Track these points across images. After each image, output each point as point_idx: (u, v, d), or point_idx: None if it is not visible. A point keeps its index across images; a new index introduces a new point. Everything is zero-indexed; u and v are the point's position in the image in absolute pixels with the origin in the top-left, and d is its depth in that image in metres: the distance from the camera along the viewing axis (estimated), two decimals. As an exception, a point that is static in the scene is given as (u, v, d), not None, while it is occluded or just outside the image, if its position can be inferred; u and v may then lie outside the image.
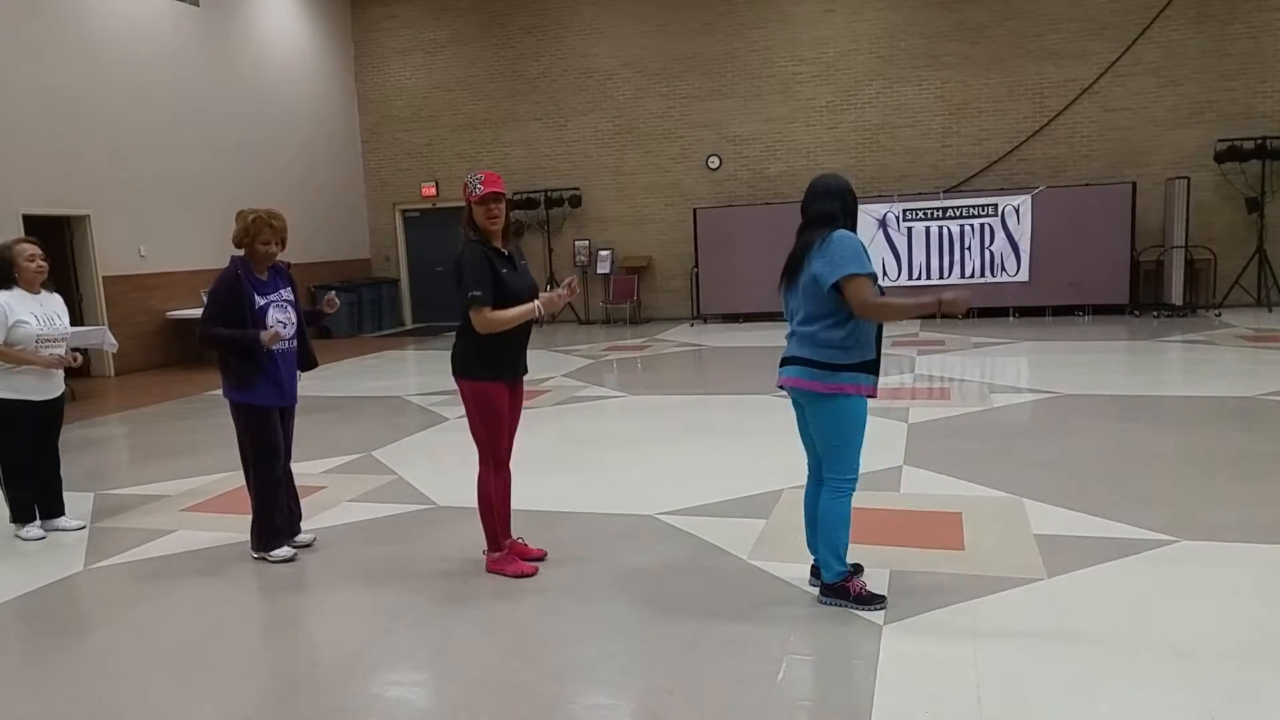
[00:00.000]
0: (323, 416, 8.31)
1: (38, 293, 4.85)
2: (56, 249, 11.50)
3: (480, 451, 3.99)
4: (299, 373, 4.55)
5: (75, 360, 4.92)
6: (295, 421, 4.64)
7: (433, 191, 16.75)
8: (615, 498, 5.25)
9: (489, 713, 2.98)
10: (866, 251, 3.38)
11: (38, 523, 5.05)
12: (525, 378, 4.12)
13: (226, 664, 3.46)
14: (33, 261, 4.75)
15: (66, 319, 4.99)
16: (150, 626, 3.81)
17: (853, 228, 3.46)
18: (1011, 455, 5.82)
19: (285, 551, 4.45)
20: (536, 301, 3.76)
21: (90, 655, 3.56)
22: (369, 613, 3.82)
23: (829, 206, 3.45)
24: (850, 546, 3.86)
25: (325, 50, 16.28)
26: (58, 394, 4.99)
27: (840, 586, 3.57)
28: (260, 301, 4.28)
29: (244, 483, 4.55)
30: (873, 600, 3.55)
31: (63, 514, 5.16)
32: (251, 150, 14.38)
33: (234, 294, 4.22)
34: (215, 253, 13.31)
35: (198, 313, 13.11)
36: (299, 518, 4.67)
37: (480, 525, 4.12)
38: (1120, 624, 3.33)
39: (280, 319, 4.32)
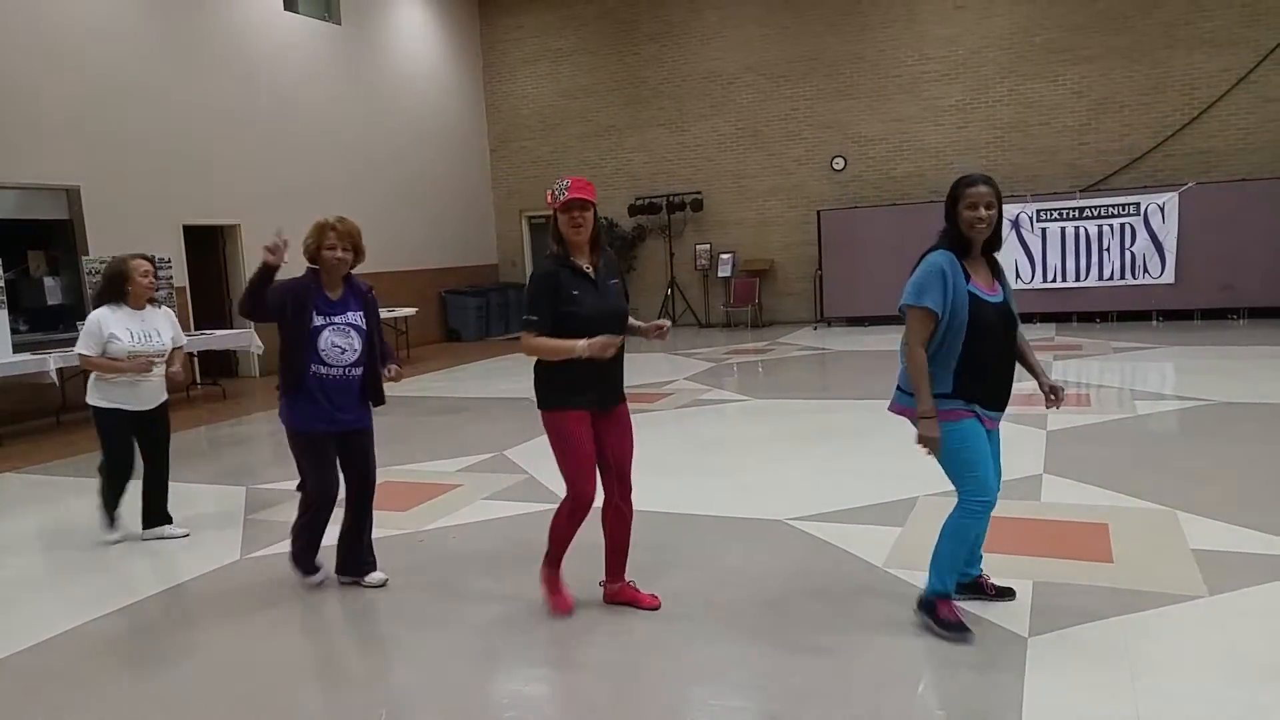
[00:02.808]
0: (456, 417, 8.60)
1: (142, 308, 4.97)
2: (211, 257, 12.32)
3: (566, 486, 3.61)
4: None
5: (150, 367, 4.90)
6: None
7: (557, 198, 17.05)
8: (743, 501, 5.24)
9: (626, 711, 3.01)
10: (947, 279, 3.16)
11: (117, 528, 5.15)
12: (624, 405, 3.74)
13: (366, 655, 3.61)
14: (146, 277, 4.90)
15: (168, 336, 5.05)
16: (297, 617, 3.99)
17: (953, 230, 3.23)
18: (1161, 465, 5.55)
19: (314, 578, 4.23)
20: (583, 342, 3.34)
21: (243, 641, 3.74)
22: (505, 608, 3.87)
23: (945, 218, 3.29)
24: (989, 556, 3.77)
25: (456, 62, 16.86)
26: (156, 404, 5.07)
27: (930, 603, 3.39)
28: (318, 321, 3.94)
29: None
30: (958, 629, 3.30)
31: (169, 522, 5.23)
32: (386, 159, 15.01)
33: (295, 297, 3.92)
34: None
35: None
36: (369, 551, 4.28)
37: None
38: (1291, 647, 3.13)
39: (338, 343, 3.96)
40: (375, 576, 4.24)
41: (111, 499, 5.15)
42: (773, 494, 5.36)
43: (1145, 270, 12.81)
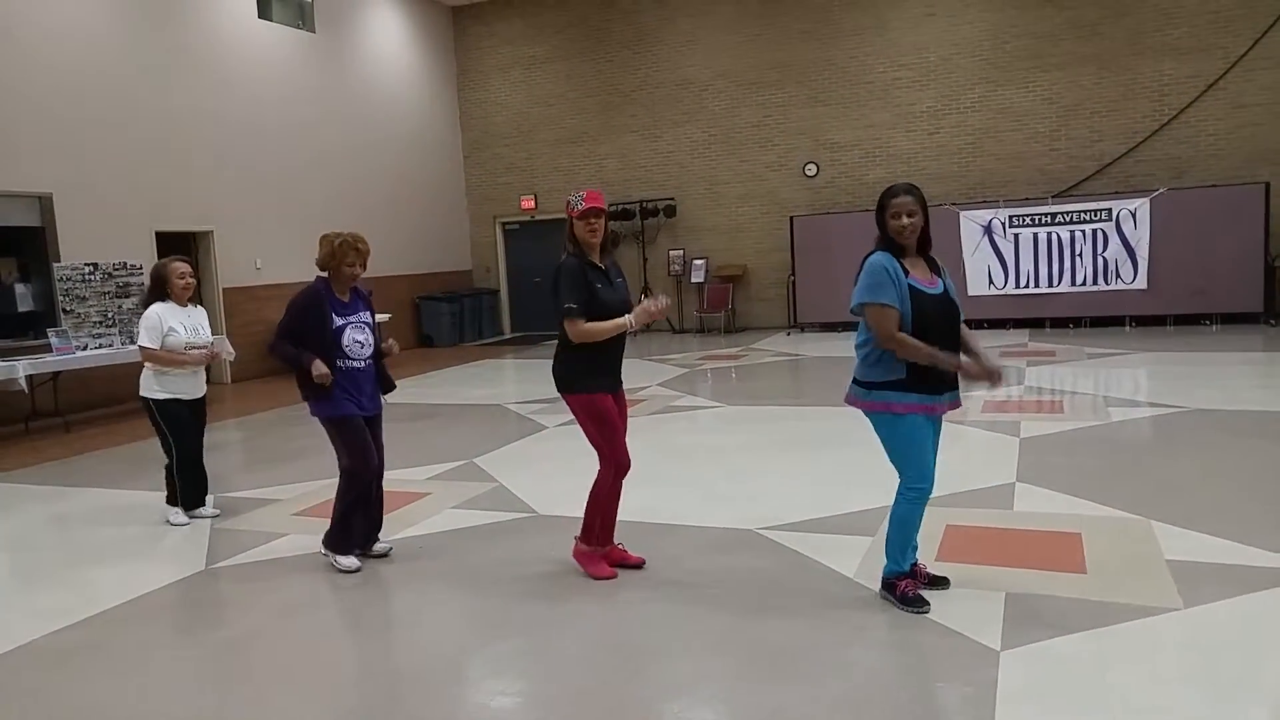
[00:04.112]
0: (426, 424, 8.49)
1: (185, 306, 5.47)
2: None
3: (601, 457, 4.10)
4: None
5: (216, 357, 5.56)
6: (389, 430, 4.75)
7: (532, 204, 17.00)
8: (714, 510, 5.17)
9: (592, 728, 2.95)
10: (893, 275, 3.43)
11: (182, 510, 5.56)
12: (623, 389, 4.24)
13: (333, 668, 3.53)
14: (183, 279, 5.40)
15: (208, 330, 5.63)
16: (260, 628, 3.93)
17: (882, 236, 3.54)
18: (1135, 473, 5.49)
19: (351, 561, 4.48)
20: (629, 316, 3.95)
21: (207, 654, 3.69)
22: (472, 620, 3.85)
23: (877, 224, 3.59)
24: (962, 566, 3.73)
25: (429, 69, 16.73)
26: (201, 394, 5.61)
27: (890, 583, 3.69)
28: (339, 322, 4.44)
29: None
30: (917, 602, 3.59)
31: (204, 505, 5.72)
32: (359, 166, 14.88)
33: (313, 310, 4.39)
34: (324, 266, 13.80)
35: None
36: (378, 527, 4.74)
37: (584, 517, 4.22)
38: (1270, 660, 3.08)
39: (358, 339, 4.48)
40: (379, 546, 4.69)
41: (187, 487, 5.52)
42: (744, 503, 5.28)
43: (1118, 276, 12.87)
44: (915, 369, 3.44)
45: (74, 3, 10.55)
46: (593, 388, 4.01)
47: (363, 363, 4.51)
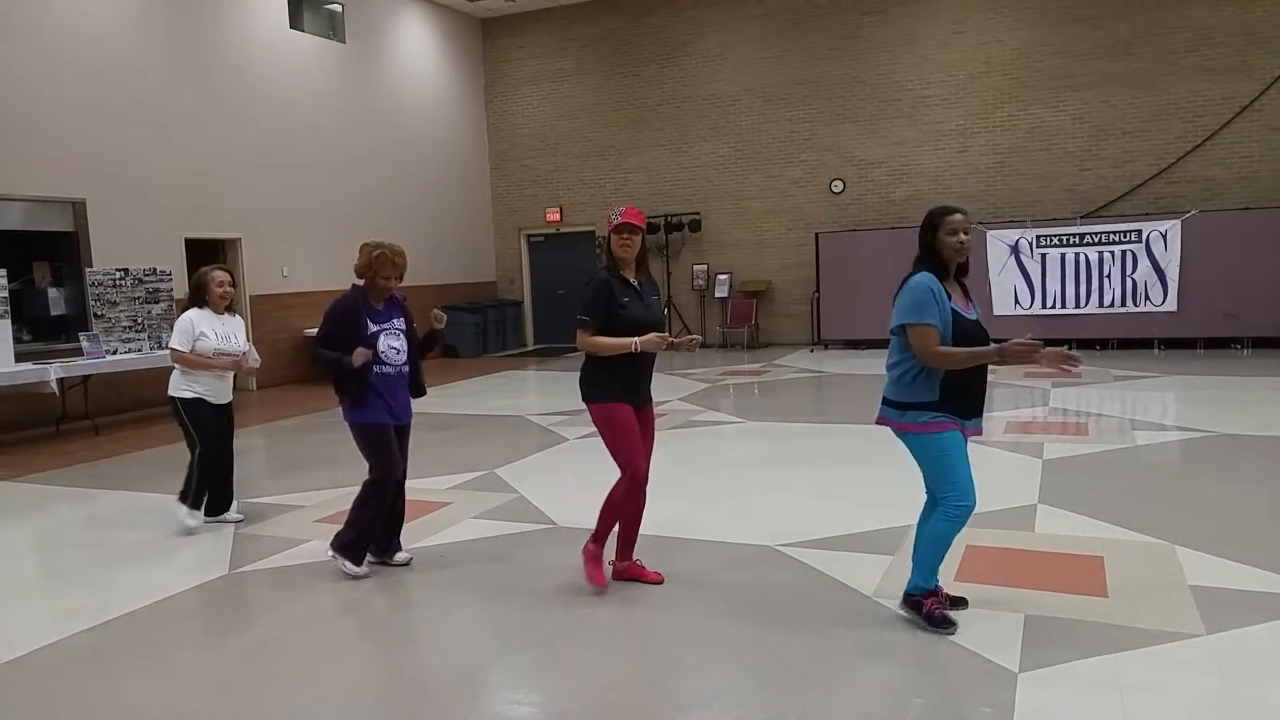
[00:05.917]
0: (448, 434, 8.52)
1: (221, 314, 5.59)
2: (211, 270, 12.39)
3: (620, 467, 4.12)
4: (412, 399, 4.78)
5: (245, 364, 5.67)
6: (413, 440, 4.80)
7: (557, 217, 17.08)
8: (733, 526, 5.16)
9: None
10: (937, 297, 3.40)
11: (201, 514, 5.57)
12: (651, 406, 4.27)
13: (353, 674, 3.55)
14: (221, 287, 5.53)
15: (242, 338, 5.72)
16: (282, 633, 3.96)
17: (929, 256, 3.51)
18: (1160, 497, 5.43)
19: (361, 569, 4.50)
20: (636, 339, 3.95)
21: (229, 657, 3.73)
22: (491, 630, 3.87)
23: (919, 246, 3.57)
24: (981, 587, 3.70)
25: (458, 81, 16.89)
26: (228, 400, 5.70)
27: (916, 600, 3.61)
28: (373, 328, 4.52)
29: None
30: (944, 623, 3.54)
31: (228, 510, 5.77)
32: (387, 176, 15.01)
33: (348, 318, 4.47)
34: (351, 274, 13.93)
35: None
36: (397, 534, 4.77)
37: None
38: (1292, 689, 3.02)
39: (393, 345, 4.55)
40: (401, 556, 4.72)
41: (203, 487, 5.56)
42: (763, 519, 5.27)
43: (1147, 298, 12.71)
44: (947, 392, 3.42)
45: (107, 11, 10.74)
46: (608, 397, 4.06)
47: (396, 369, 4.57)
